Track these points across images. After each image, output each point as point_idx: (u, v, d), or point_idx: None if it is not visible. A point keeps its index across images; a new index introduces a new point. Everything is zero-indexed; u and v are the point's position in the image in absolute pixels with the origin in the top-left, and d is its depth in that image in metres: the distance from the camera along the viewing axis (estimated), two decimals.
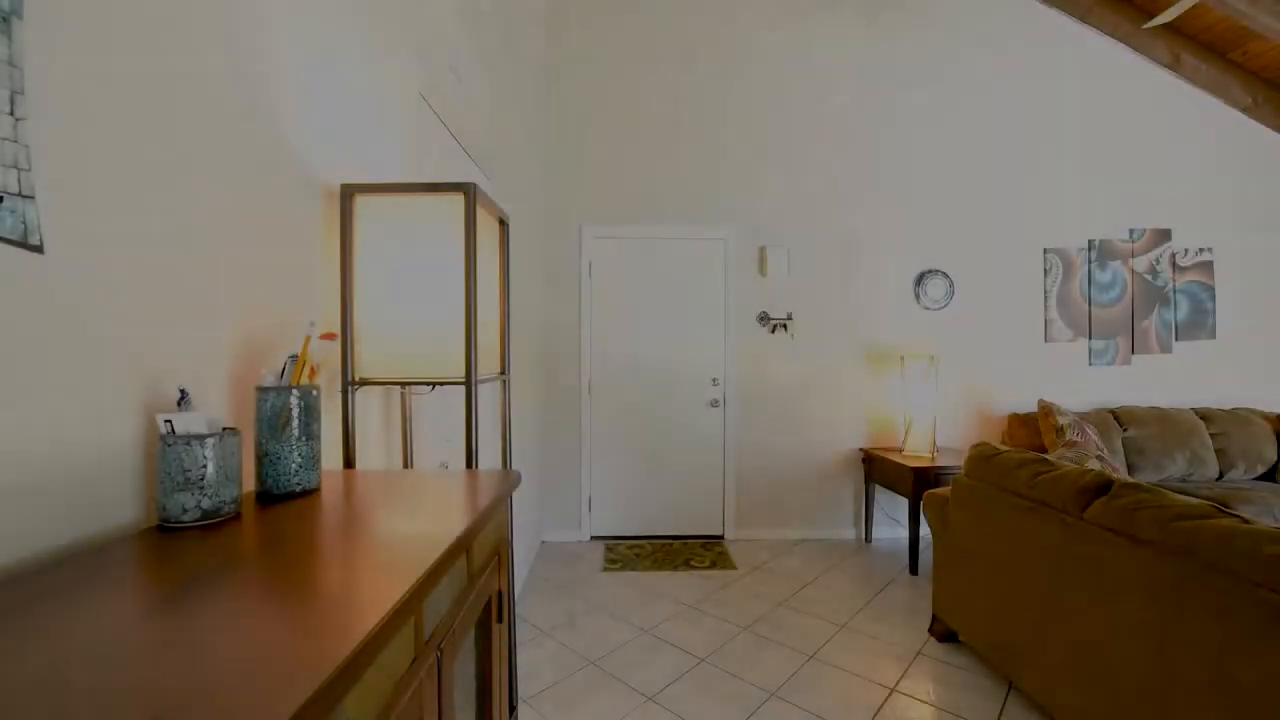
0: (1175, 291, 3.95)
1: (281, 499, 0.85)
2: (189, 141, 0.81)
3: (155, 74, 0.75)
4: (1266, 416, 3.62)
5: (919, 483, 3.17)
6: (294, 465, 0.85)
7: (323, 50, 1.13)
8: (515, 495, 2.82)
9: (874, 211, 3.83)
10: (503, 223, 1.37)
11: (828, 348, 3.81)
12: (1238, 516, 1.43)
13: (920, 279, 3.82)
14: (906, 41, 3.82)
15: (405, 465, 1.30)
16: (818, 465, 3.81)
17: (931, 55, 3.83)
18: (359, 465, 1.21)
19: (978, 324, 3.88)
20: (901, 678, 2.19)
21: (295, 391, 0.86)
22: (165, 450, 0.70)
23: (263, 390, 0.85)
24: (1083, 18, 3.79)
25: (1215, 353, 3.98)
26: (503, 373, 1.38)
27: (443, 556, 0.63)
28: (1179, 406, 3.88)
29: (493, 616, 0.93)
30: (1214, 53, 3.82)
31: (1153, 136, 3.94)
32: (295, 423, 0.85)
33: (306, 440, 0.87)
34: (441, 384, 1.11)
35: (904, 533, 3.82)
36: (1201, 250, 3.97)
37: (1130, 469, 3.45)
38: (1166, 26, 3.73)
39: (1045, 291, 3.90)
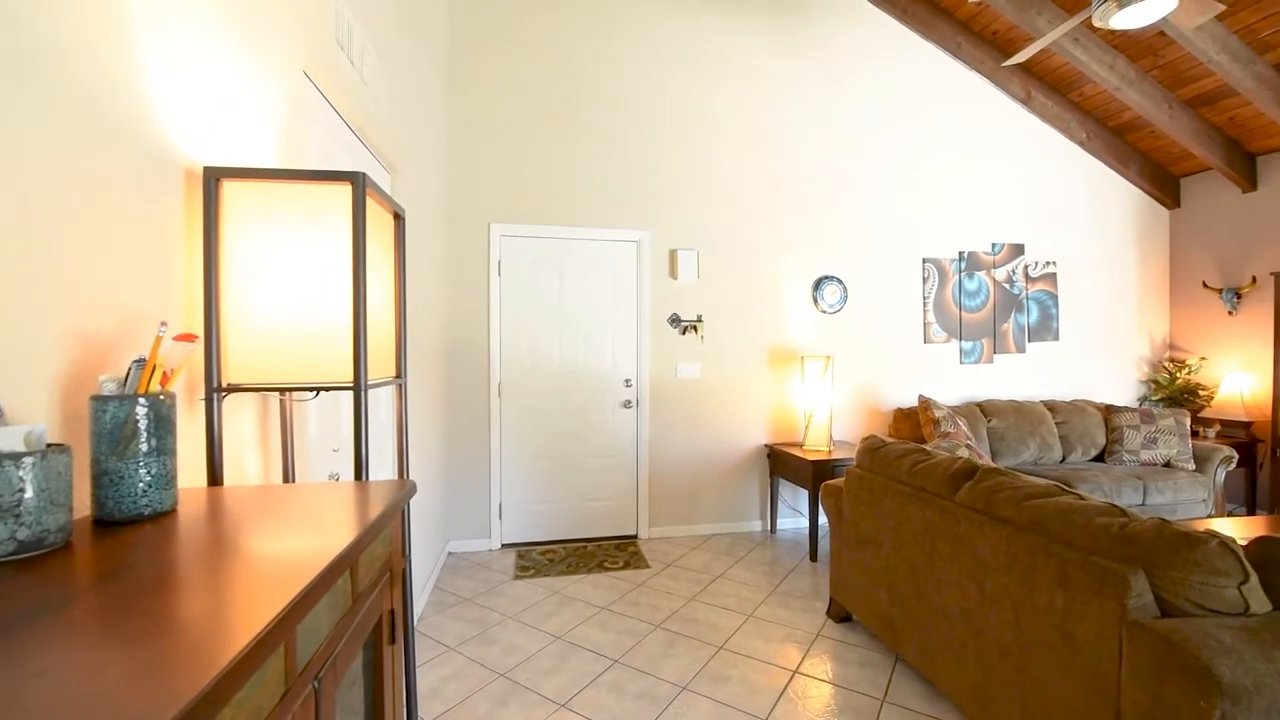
0: (1028, 299, 4.51)
1: (126, 524, 0.74)
2: None
3: None
4: (1098, 407, 4.21)
5: (818, 475, 3.38)
6: (141, 485, 0.75)
7: (184, 12, 1.00)
8: (417, 506, 2.68)
9: (775, 218, 4.03)
10: (398, 217, 1.29)
11: (735, 349, 3.96)
12: (1075, 494, 1.65)
13: (818, 284, 4.07)
14: (802, 53, 4.06)
15: (286, 480, 1.19)
16: (726, 462, 3.95)
17: (827, 69, 4.10)
18: (228, 482, 1.08)
19: (868, 326, 4.20)
20: (803, 659, 2.31)
21: (142, 401, 0.75)
22: None
23: (100, 400, 0.74)
24: (954, 52, 4.22)
25: (1059, 352, 4.58)
26: (398, 376, 1.30)
27: (318, 578, 0.58)
28: (1031, 399, 4.43)
29: (383, 638, 0.87)
30: (1057, 92, 4.40)
31: (1010, 161, 4.47)
32: (143, 436, 0.75)
33: (158, 456, 0.77)
34: (326, 389, 1.03)
35: (805, 522, 4.05)
36: (1048, 263, 4.56)
37: (994, 455, 3.89)
38: (1021, 66, 4.25)
39: (924, 298, 4.30)
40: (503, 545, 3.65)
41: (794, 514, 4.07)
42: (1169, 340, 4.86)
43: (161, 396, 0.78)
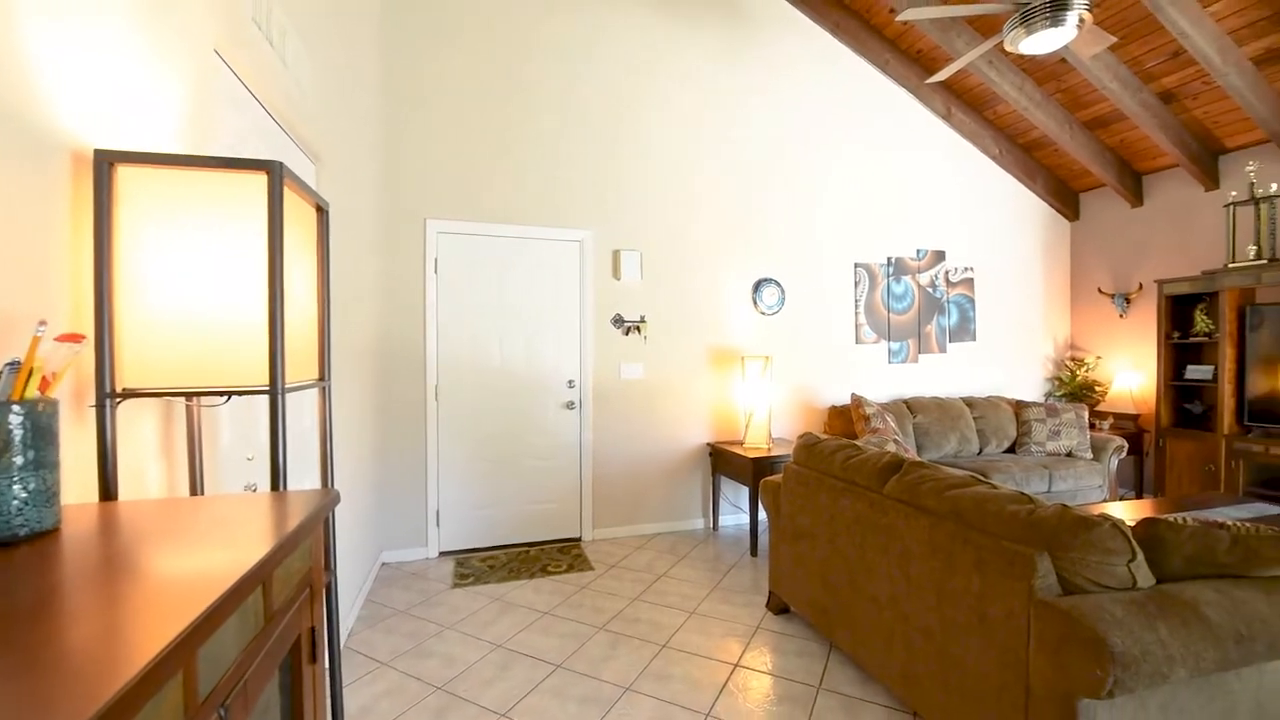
0: (948, 302, 4.80)
1: None
2: None
3: None
4: (1010, 402, 4.55)
5: (757, 472, 3.46)
6: (15, 503, 0.67)
7: None
8: (345, 516, 2.55)
9: (716, 221, 4.11)
10: (321, 209, 1.22)
11: (677, 349, 4.00)
12: (989, 484, 1.77)
13: (757, 286, 4.18)
14: (743, 61, 4.16)
15: (194, 492, 1.10)
16: (669, 461, 3.99)
17: (765, 77, 4.21)
18: (125, 496, 0.99)
19: (805, 328, 4.35)
20: (744, 652, 2.37)
21: (16, 408, 0.67)
22: None
23: None
24: (883, 68, 4.44)
25: (976, 352, 4.91)
26: (322, 378, 1.23)
27: (223, 598, 0.53)
28: (952, 396, 4.72)
29: (302, 658, 0.82)
30: (974, 110, 4.71)
31: (934, 173, 4.75)
32: (16, 448, 0.67)
33: (35, 470, 0.69)
34: (239, 393, 0.96)
35: (746, 519, 4.14)
36: (966, 269, 4.87)
37: (919, 449, 4.11)
38: (943, 84, 4.52)
39: (856, 301, 4.50)
40: (441, 553, 3.53)
41: (735, 511, 4.15)
42: (1070, 341, 5.30)
43: (40, 404, 0.70)
